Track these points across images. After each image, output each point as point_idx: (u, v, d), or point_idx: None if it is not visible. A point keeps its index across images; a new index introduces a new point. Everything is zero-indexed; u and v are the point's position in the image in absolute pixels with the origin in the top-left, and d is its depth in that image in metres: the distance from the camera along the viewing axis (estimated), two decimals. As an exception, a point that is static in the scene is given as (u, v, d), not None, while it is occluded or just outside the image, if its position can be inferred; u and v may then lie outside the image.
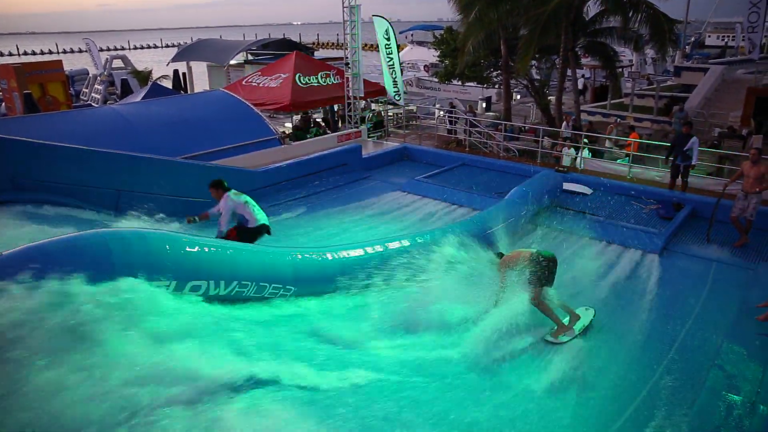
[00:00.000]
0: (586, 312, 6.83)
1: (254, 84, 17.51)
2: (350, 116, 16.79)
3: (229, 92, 14.97)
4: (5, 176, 8.35)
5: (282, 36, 33.52)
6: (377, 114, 18.80)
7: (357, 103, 16.92)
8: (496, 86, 21.71)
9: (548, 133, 15.32)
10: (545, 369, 5.80)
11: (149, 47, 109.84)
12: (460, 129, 16.85)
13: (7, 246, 5.16)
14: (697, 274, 8.13)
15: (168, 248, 5.65)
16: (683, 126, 11.19)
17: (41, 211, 8.24)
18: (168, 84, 24.80)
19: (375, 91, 18.31)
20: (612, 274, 8.13)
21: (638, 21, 15.86)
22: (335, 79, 17.47)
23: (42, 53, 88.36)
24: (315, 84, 17.08)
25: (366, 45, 19.66)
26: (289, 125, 18.70)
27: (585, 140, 14.40)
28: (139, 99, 16.77)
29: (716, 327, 6.66)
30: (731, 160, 13.12)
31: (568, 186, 11.49)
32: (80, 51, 76.24)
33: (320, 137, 15.36)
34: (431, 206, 10.99)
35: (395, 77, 16.89)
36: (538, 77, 21.50)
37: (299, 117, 18.96)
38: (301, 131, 16.74)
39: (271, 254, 6.71)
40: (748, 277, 7.94)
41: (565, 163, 13.61)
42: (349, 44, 15.85)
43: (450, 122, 17.67)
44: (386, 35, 16.46)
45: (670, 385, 5.60)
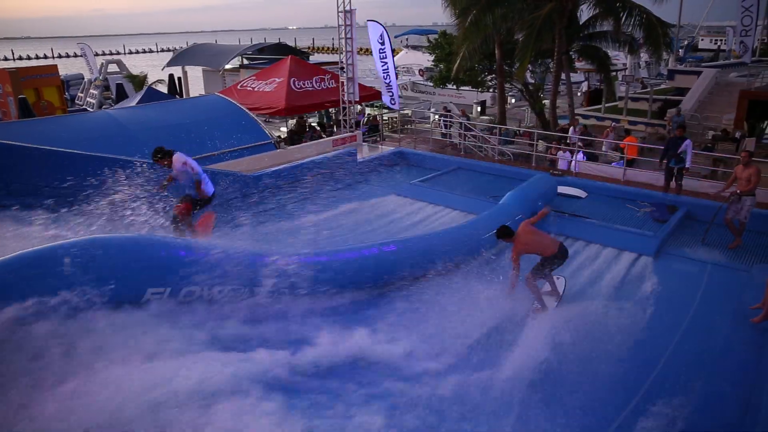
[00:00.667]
0: (558, 281, 7.36)
1: (249, 88, 17.50)
2: (345, 120, 16.80)
3: (225, 97, 14.94)
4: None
5: (277, 40, 33.55)
6: (372, 118, 18.81)
7: (352, 107, 16.94)
8: (491, 90, 21.77)
9: (543, 137, 15.36)
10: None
11: (144, 52, 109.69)
12: (455, 133, 16.89)
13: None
14: (692, 277, 8.16)
15: None
16: (677, 129, 11.24)
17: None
18: (163, 89, 24.74)
19: (370, 95, 18.33)
20: (607, 277, 8.15)
21: (631, 25, 15.97)
22: (330, 84, 17.49)
23: (37, 58, 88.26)
24: (310, 88, 17.09)
25: (361, 49, 19.70)
26: (285, 129, 18.69)
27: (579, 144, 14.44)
28: (135, 104, 16.71)
29: (711, 329, 6.68)
30: (725, 163, 13.19)
31: (563, 189, 11.51)
32: (75, 55, 76.30)
33: (315, 141, 15.35)
34: (426, 210, 10.99)
35: (390, 81, 16.91)
36: (533, 81, 21.59)
37: (294, 121, 18.98)
38: (297, 135, 16.74)
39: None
40: (743, 279, 7.97)
41: (562, 167, 13.64)
42: (344, 48, 15.88)
43: (445, 126, 17.71)
44: (380, 40, 16.47)
45: (666, 387, 5.60)
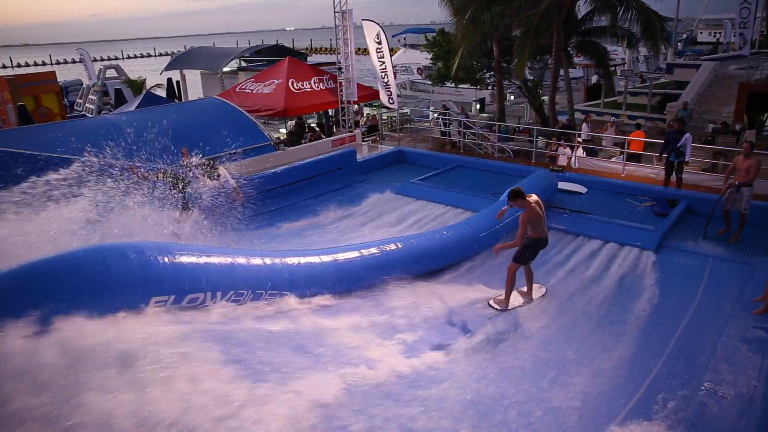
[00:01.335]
0: (539, 288, 7.52)
1: (248, 90, 17.49)
2: (344, 120, 16.80)
3: (223, 99, 14.94)
4: None
5: (275, 42, 33.48)
6: (371, 118, 18.79)
7: (351, 108, 16.94)
8: (490, 87, 21.76)
9: (542, 133, 15.34)
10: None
11: (142, 56, 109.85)
12: (454, 131, 16.87)
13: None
14: (694, 270, 8.15)
15: None
16: (675, 122, 11.22)
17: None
18: (162, 93, 24.80)
19: (369, 95, 18.33)
20: (609, 272, 8.13)
21: (629, 19, 15.92)
22: (329, 84, 17.49)
23: (35, 65, 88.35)
24: (308, 89, 17.08)
25: (359, 49, 19.67)
26: (284, 131, 18.68)
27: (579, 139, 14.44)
28: (134, 108, 16.74)
29: (713, 322, 6.67)
30: (725, 156, 13.16)
31: (564, 185, 11.50)
32: (74, 62, 76.27)
33: (315, 142, 15.35)
34: (427, 208, 10.98)
35: (387, 81, 16.90)
36: (531, 77, 21.56)
37: (294, 122, 18.97)
38: (296, 137, 16.73)
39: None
40: (744, 272, 7.95)
41: (561, 163, 13.63)
42: (342, 49, 15.88)
43: (444, 124, 17.69)
44: (377, 39, 16.46)
45: (668, 381, 5.60)
